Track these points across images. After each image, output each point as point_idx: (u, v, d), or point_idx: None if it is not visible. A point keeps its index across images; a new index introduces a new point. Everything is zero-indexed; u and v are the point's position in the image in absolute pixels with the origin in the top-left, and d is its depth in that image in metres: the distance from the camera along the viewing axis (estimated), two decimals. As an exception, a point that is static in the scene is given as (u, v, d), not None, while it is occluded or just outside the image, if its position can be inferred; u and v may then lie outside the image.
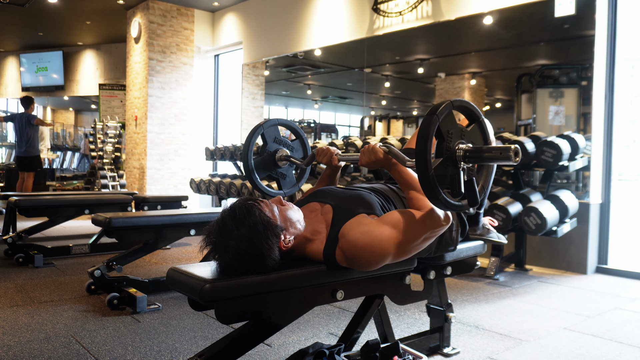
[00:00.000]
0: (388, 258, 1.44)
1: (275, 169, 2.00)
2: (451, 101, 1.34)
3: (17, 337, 2.17)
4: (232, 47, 7.50)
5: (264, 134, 1.96)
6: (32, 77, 11.23)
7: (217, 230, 1.36)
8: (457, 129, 1.35)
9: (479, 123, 1.41)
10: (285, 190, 2.03)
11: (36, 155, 7.10)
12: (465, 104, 1.39)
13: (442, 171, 1.32)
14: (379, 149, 1.55)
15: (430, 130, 1.28)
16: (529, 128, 4.30)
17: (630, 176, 10.13)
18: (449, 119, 1.33)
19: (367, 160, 1.57)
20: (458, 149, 1.33)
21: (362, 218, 1.45)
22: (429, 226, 1.44)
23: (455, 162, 1.34)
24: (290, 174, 2.05)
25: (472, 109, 1.40)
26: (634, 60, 8.92)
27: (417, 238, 1.44)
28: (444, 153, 1.33)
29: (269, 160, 1.98)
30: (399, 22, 5.03)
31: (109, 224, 2.71)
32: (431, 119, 1.29)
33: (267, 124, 1.97)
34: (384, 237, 1.41)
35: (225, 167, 7.40)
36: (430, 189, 1.28)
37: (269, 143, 1.98)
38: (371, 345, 1.64)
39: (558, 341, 2.25)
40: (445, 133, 1.32)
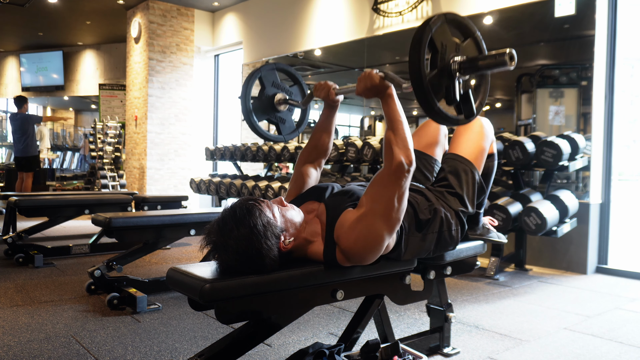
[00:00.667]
0: (383, 237, 1.42)
1: (273, 112, 1.96)
2: (444, 13, 1.30)
3: (17, 337, 2.17)
4: (232, 47, 7.50)
5: (262, 78, 1.92)
6: (32, 77, 11.23)
7: (217, 230, 1.36)
8: (451, 42, 1.31)
9: (474, 38, 1.37)
10: (285, 134, 2.01)
11: (34, 155, 7.09)
12: (458, 17, 1.35)
13: (437, 82, 1.28)
14: (375, 74, 1.49)
15: (423, 38, 1.24)
16: (529, 128, 4.29)
17: (630, 176, 10.14)
18: (442, 31, 1.28)
19: (363, 86, 1.51)
20: (453, 61, 1.30)
21: (346, 213, 1.44)
22: (394, 180, 1.40)
23: (451, 73, 1.30)
24: (290, 119, 2.01)
25: (466, 23, 1.36)
26: (634, 60, 8.92)
27: (392, 199, 1.39)
28: (438, 64, 1.29)
29: (267, 104, 1.94)
30: (399, 22, 5.03)
31: (109, 224, 2.71)
32: (424, 29, 1.25)
33: (264, 68, 1.93)
34: (367, 219, 1.39)
35: (225, 167, 7.40)
36: (425, 98, 1.24)
37: (267, 87, 1.94)
38: (371, 345, 1.64)
39: (558, 341, 2.25)
40: (439, 44, 1.28)
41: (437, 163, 1.93)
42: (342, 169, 4.94)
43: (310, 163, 1.82)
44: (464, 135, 1.86)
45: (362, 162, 4.54)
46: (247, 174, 5.88)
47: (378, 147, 4.29)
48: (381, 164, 4.41)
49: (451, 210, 1.72)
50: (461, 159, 1.81)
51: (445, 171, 1.82)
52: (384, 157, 1.45)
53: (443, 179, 1.81)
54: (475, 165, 1.81)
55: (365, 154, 4.38)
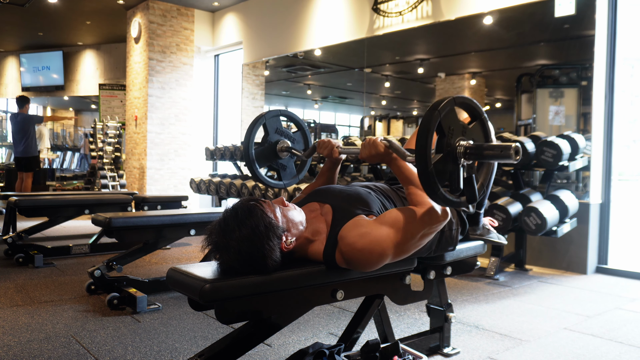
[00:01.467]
0: (387, 258, 1.43)
1: (275, 159, 1.99)
2: (454, 97, 1.33)
3: (17, 337, 2.17)
4: (232, 47, 7.50)
5: (266, 124, 1.95)
6: (32, 77, 11.23)
7: (219, 230, 1.36)
8: (458, 126, 1.34)
9: (481, 121, 1.40)
10: (285, 181, 2.02)
11: (34, 155, 7.08)
12: (467, 100, 1.38)
13: (442, 167, 1.31)
14: (379, 142, 1.54)
15: (431, 125, 1.27)
16: (529, 128, 4.29)
17: (630, 176, 10.13)
18: (450, 115, 1.32)
19: (367, 153, 1.56)
20: (459, 145, 1.32)
21: (360, 219, 1.45)
22: (426, 222, 1.44)
23: (455, 158, 1.33)
24: (291, 165, 2.04)
25: (475, 106, 1.39)
26: (634, 60, 8.92)
27: (414, 236, 1.43)
28: (444, 149, 1.32)
29: (270, 151, 1.97)
30: (399, 22, 5.03)
31: (109, 224, 2.71)
32: (432, 114, 1.28)
33: (269, 114, 1.96)
34: (381, 237, 1.40)
35: (225, 167, 7.40)
36: (429, 183, 1.28)
37: (270, 133, 1.96)
38: (371, 345, 1.64)
39: (558, 341, 2.25)
40: (447, 129, 1.31)
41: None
42: (342, 169, 4.94)
43: None
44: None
45: (362, 162, 4.54)
46: (247, 174, 5.88)
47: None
48: (381, 164, 4.41)
49: (452, 210, 1.72)
50: (461, 159, 1.81)
51: (445, 171, 1.82)
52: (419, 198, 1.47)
53: (443, 179, 1.81)
54: (475, 165, 1.82)
55: (365, 154, 4.36)
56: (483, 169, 1.45)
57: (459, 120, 1.35)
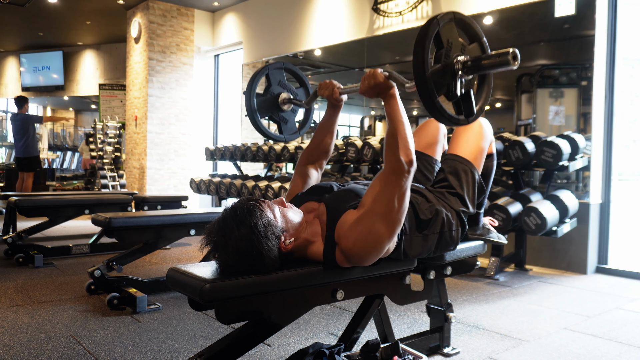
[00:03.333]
0: (383, 237, 1.41)
1: (277, 111, 1.97)
2: (453, 12, 1.31)
3: (17, 337, 2.17)
4: (232, 47, 7.50)
5: (269, 75, 1.93)
6: (32, 77, 11.23)
7: (218, 230, 1.36)
8: (457, 42, 1.31)
9: (480, 43, 1.38)
10: (286, 135, 2.01)
11: (35, 155, 7.09)
12: (467, 19, 1.35)
13: (440, 78, 1.28)
14: (379, 73, 1.50)
15: (429, 32, 1.24)
16: (529, 128, 4.29)
17: (630, 176, 10.14)
18: (449, 28, 1.29)
19: (366, 85, 1.52)
20: (457, 60, 1.30)
21: (347, 215, 1.44)
22: (394, 181, 1.39)
23: (454, 71, 1.30)
24: (292, 120, 2.02)
25: (474, 27, 1.36)
26: (634, 60, 8.92)
27: (393, 200, 1.39)
28: (442, 60, 1.29)
29: (272, 102, 1.95)
30: (399, 22, 5.03)
31: (109, 224, 2.71)
32: (431, 22, 1.25)
33: (272, 66, 1.95)
34: (368, 219, 1.39)
35: (225, 167, 7.40)
36: (426, 90, 1.24)
37: (273, 85, 1.95)
38: (371, 345, 1.64)
39: (558, 341, 2.25)
40: (445, 41, 1.29)
41: (437, 163, 1.94)
42: (342, 169, 4.94)
43: (312, 163, 1.83)
44: (463, 135, 1.86)
45: (362, 162, 4.54)
46: (247, 174, 5.88)
47: (378, 147, 4.29)
48: (381, 164, 4.41)
49: (452, 211, 1.72)
50: (460, 159, 1.81)
51: (445, 172, 1.82)
52: (384, 157, 1.45)
53: (443, 179, 1.81)
54: (475, 165, 1.81)
55: (365, 154, 4.38)
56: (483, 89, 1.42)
57: (457, 37, 1.32)
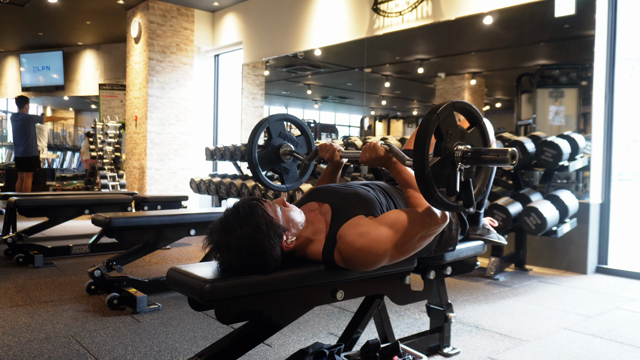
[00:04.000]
0: (385, 259, 1.43)
1: (278, 163, 2.00)
2: (453, 102, 1.34)
3: (17, 337, 2.17)
4: (232, 47, 7.50)
5: (270, 128, 1.96)
6: (32, 77, 11.23)
7: (220, 229, 1.36)
8: (457, 130, 1.35)
9: (480, 126, 1.41)
10: (288, 184, 2.03)
11: (35, 155, 7.09)
12: (466, 106, 1.39)
13: (439, 170, 1.32)
14: (380, 146, 1.56)
15: (429, 128, 1.28)
16: (529, 128, 4.30)
17: (630, 176, 10.15)
18: (449, 119, 1.33)
19: (367, 157, 1.58)
20: (457, 149, 1.34)
21: (359, 219, 1.45)
22: (426, 224, 1.44)
23: (453, 162, 1.34)
24: (294, 169, 2.05)
25: (474, 112, 1.40)
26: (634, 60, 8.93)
27: (413, 237, 1.43)
28: (442, 152, 1.33)
29: (273, 155, 1.98)
30: (399, 22, 5.03)
31: (109, 224, 2.71)
32: (431, 118, 1.29)
33: (272, 118, 1.97)
34: (380, 238, 1.40)
35: (225, 167, 7.40)
36: (426, 186, 1.28)
37: (274, 137, 1.97)
38: (371, 345, 1.64)
39: (558, 341, 2.25)
40: (445, 133, 1.32)
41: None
42: (342, 168, 4.94)
43: None
44: (464, 135, 1.86)
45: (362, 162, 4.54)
46: (247, 174, 5.88)
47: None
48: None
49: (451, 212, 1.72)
50: (461, 159, 1.81)
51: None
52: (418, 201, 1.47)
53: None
54: (475, 165, 1.82)
55: (365, 154, 4.36)
56: (481, 173, 1.45)
57: (457, 125, 1.36)
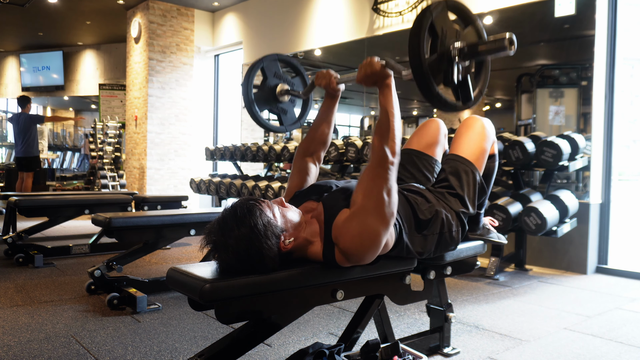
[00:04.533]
0: (381, 233, 1.40)
1: (275, 103, 1.96)
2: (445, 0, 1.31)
3: (17, 337, 2.17)
4: (232, 47, 7.50)
5: (264, 68, 1.92)
6: (32, 77, 11.23)
7: (218, 229, 1.36)
8: (451, 29, 1.31)
9: (474, 25, 1.38)
10: (286, 125, 2.00)
11: (35, 155, 7.09)
12: (459, 4, 1.35)
13: (436, 66, 1.28)
14: (376, 61, 1.49)
15: (423, 23, 1.25)
16: (529, 128, 4.29)
17: (630, 176, 10.15)
18: (442, 17, 1.29)
19: (363, 73, 1.51)
20: (452, 47, 1.30)
21: (342, 213, 1.44)
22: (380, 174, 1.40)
23: (450, 58, 1.30)
24: (291, 110, 2.02)
25: (467, 11, 1.37)
26: (634, 60, 8.93)
27: (381, 193, 1.39)
28: (438, 49, 1.29)
29: (269, 94, 1.94)
30: (399, 22, 5.03)
31: (109, 224, 2.71)
32: (424, 13, 1.26)
33: (267, 58, 1.94)
34: (361, 214, 1.38)
35: (225, 167, 7.40)
36: (425, 83, 1.25)
37: (269, 77, 1.94)
38: (371, 345, 1.64)
39: (558, 341, 2.25)
40: (440, 30, 1.29)
41: (437, 163, 1.93)
42: (342, 169, 4.93)
43: (310, 156, 1.82)
44: (465, 135, 1.85)
45: (362, 162, 4.54)
46: (247, 174, 5.88)
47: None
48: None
49: (452, 212, 1.72)
50: (462, 160, 1.81)
51: (445, 172, 1.81)
52: (371, 148, 1.45)
53: (444, 179, 1.80)
54: (476, 165, 1.81)
55: (365, 154, 4.38)
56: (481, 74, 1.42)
57: (451, 24, 1.32)
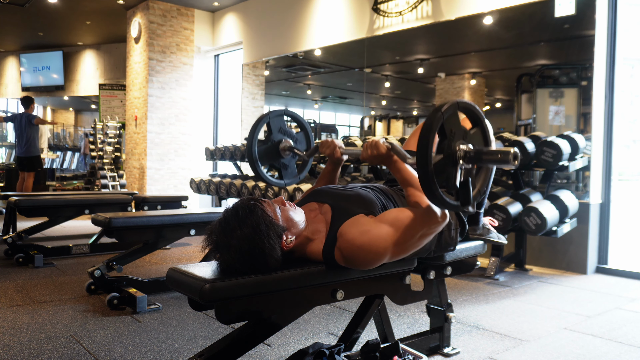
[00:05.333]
0: (385, 257, 1.43)
1: (278, 159, 2.00)
2: (457, 101, 1.34)
3: (17, 337, 2.17)
4: (232, 47, 7.50)
5: (270, 124, 1.96)
6: (32, 77, 11.23)
7: (220, 230, 1.36)
8: (459, 130, 1.36)
9: (482, 127, 1.42)
10: (287, 180, 2.03)
11: (36, 155, 7.11)
12: (470, 106, 1.40)
13: (441, 168, 1.33)
14: (382, 144, 1.55)
15: (434, 126, 1.29)
16: (529, 128, 4.29)
17: (630, 176, 10.15)
18: (453, 118, 1.33)
19: (369, 154, 1.57)
20: (459, 149, 1.34)
21: (360, 218, 1.45)
22: (426, 223, 1.44)
23: (455, 161, 1.34)
24: (293, 165, 2.05)
25: (476, 112, 1.41)
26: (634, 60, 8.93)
27: (414, 235, 1.43)
28: (445, 151, 1.33)
29: (273, 150, 1.98)
30: (399, 22, 5.03)
31: (109, 224, 2.71)
32: (436, 116, 1.30)
33: (273, 114, 1.97)
34: (380, 235, 1.41)
35: (225, 167, 7.40)
36: (429, 184, 1.29)
37: (274, 132, 1.97)
38: (371, 345, 1.64)
39: (558, 341, 2.25)
40: (448, 131, 1.33)
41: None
42: (342, 169, 4.94)
43: None
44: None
45: (362, 162, 4.54)
46: (247, 174, 5.88)
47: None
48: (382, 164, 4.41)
49: (451, 211, 1.72)
50: (461, 160, 1.81)
51: (445, 172, 1.82)
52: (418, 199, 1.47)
53: (443, 179, 1.81)
54: (475, 165, 1.82)
55: (365, 154, 4.36)
56: (481, 174, 1.46)
57: (460, 125, 1.36)
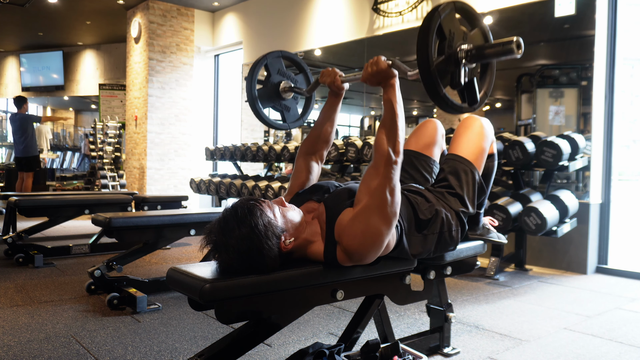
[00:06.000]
0: (382, 230, 1.41)
1: (279, 100, 1.96)
2: (454, 1, 1.31)
3: (17, 337, 2.17)
4: (232, 47, 7.50)
5: (268, 65, 1.92)
6: (32, 77, 11.23)
7: (219, 229, 1.36)
8: (459, 31, 1.32)
9: (481, 27, 1.38)
10: (289, 122, 2.00)
11: (35, 155, 7.10)
12: (467, 6, 1.36)
13: (444, 68, 1.29)
14: (382, 60, 1.49)
15: (432, 24, 1.25)
16: (529, 128, 4.29)
17: (630, 176, 10.14)
18: (450, 18, 1.29)
19: (369, 72, 1.51)
20: (460, 49, 1.31)
21: (346, 212, 1.44)
22: (385, 169, 1.40)
23: (457, 60, 1.30)
24: (294, 107, 2.01)
25: (474, 13, 1.37)
26: (634, 60, 8.93)
27: (384, 192, 1.39)
28: (445, 51, 1.29)
29: (273, 91, 1.94)
30: (399, 22, 5.03)
31: (109, 224, 2.71)
32: (433, 15, 1.26)
33: (271, 55, 1.94)
34: (365, 213, 1.39)
35: (225, 167, 7.40)
36: (432, 83, 1.25)
37: (272, 74, 1.94)
38: (371, 345, 1.64)
39: (558, 341, 2.25)
40: (447, 32, 1.29)
41: (435, 164, 1.93)
42: (342, 169, 4.93)
43: (312, 154, 1.81)
44: (464, 135, 1.85)
45: (362, 162, 4.54)
46: (247, 174, 5.88)
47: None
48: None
49: (452, 211, 1.72)
50: (461, 160, 1.81)
51: (445, 172, 1.81)
52: (374, 148, 1.45)
53: (443, 179, 1.80)
54: (476, 165, 1.81)
55: (365, 154, 4.37)
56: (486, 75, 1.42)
57: (459, 26, 1.32)
